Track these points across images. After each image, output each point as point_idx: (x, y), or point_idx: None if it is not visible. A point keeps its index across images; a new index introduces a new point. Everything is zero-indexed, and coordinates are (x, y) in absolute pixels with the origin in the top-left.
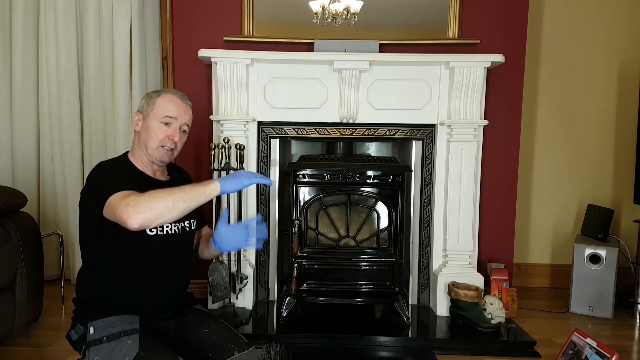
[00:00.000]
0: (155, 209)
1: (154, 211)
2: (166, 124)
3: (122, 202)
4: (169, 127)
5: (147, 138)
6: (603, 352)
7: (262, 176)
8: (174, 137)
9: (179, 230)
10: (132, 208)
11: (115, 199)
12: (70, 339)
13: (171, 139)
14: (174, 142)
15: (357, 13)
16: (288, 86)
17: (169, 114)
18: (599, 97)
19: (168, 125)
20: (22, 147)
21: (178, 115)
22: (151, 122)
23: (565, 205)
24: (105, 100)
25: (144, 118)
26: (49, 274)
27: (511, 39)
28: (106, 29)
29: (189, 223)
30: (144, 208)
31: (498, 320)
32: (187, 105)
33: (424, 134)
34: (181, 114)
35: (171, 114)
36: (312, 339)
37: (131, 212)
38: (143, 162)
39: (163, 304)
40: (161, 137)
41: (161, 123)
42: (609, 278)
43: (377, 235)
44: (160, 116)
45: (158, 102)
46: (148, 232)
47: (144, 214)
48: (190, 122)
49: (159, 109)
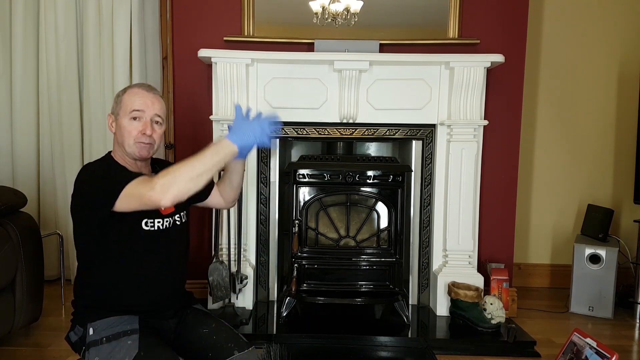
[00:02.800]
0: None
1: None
2: (134, 118)
3: (146, 186)
4: (140, 122)
5: (122, 137)
6: (603, 352)
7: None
8: (146, 130)
9: (170, 225)
10: (160, 189)
11: (134, 188)
12: (69, 341)
13: (144, 133)
14: (147, 136)
15: (357, 13)
16: (288, 86)
17: (135, 108)
18: (599, 97)
19: (138, 119)
20: (22, 147)
21: (145, 107)
22: (122, 120)
23: (565, 205)
24: (105, 100)
25: (115, 118)
26: (49, 274)
27: (511, 39)
28: (106, 29)
29: (180, 217)
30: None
31: (498, 320)
32: (154, 95)
33: (424, 134)
34: (148, 105)
35: (138, 107)
36: (312, 339)
37: (159, 193)
38: (125, 161)
39: (161, 301)
40: (134, 133)
41: (131, 119)
42: (609, 278)
43: (377, 235)
44: (127, 112)
45: (124, 98)
46: (143, 226)
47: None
48: (163, 111)
49: (125, 105)
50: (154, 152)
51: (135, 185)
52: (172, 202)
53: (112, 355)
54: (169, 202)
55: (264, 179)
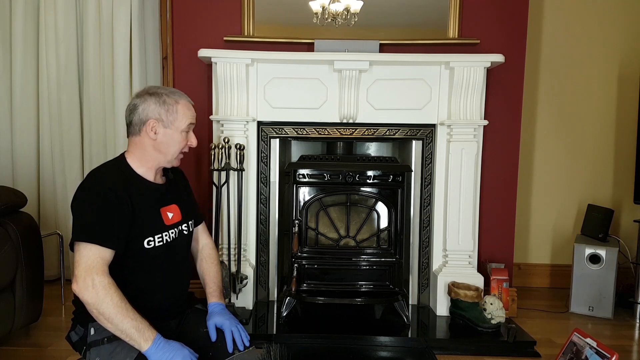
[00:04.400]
0: (102, 315)
1: (100, 316)
2: (187, 131)
3: (90, 270)
4: (189, 134)
5: (168, 147)
6: (603, 352)
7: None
8: (194, 143)
9: (176, 235)
10: (86, 290)
11: (87, 259)
12: (70, 341)
13: (190, 145)
14: (189, 147)
15: (357, 13)
16: (288, 86)
17: (192, 121)
18: (599, 97)
19: (189, 132)
20: (22, 147)
21: (195, 120)
22: (173, 131)
23: (565, 205)
24: (105, 100)
25: (164, 127)
26: (49, 274)
27: (511, 39)
28: (106, 29)
29: (187, 226)
30: (91, 297)
31: (498, 320)
32: None
33: (424, 134)
34: (195, 117)
35: (193, 120)
36: (312, 339)
37: (81, 289)
38: (146, 167)
39: (165, 306)
40: (183, 144)
41: (183, 131)
42: (609, 278)
43: (377, 235)
44: (184, 125)
45: (180, 109)
46: (146, 245)
47: (87, 299)
48: None
49: (182, 118)
50: None
51: (89, 257)
52: (79, 297)
53: (113, 355)
54: (78, 296)
55: (264, 179)
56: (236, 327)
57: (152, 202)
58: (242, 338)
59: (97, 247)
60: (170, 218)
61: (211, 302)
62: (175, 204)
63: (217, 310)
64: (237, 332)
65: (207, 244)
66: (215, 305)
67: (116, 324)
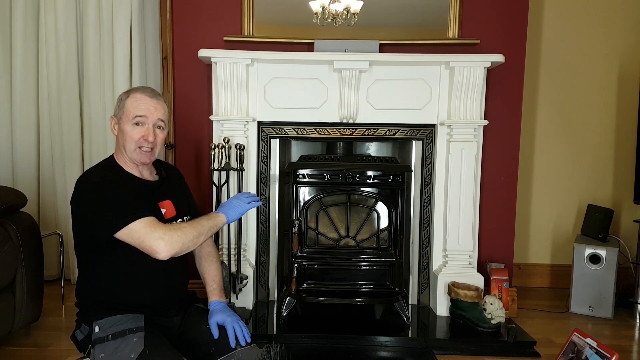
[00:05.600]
0: (185, 244)
1: (184, 245)
2: (137, 124)
3: (152, 233)
4: (142, 127)
5: (124, 141)
6: (603, 352)
7: (254, 199)
8: (148, 137)
9: None
10: (165, 243)
11: (141, 230)
12: (75, 340)
13: (146, 139)
14: (149, 142)
15: (357, 13)
16: (288, 86)
17: (138, 114)
18: (599, 97)
19: (141, 125)
20: (22, 147)
21: (149, 113)
22: (124, 125)
23: (565, 205)
24: (105, 100)
25: (117, 121)
26: (49, 274)
27: (511, 39)
28: (106, 29)
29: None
30: (177, 244)
31: (498, 320)
32: (157, 100)
33: (424, 134)
34: (152, 111)
35: (141, 113)
36: (312, 339)
37: (163, 247)
38: (129, 165)
39: (165, 300)
40: (136, 138)
41: (133, 124)
42: (609, 278)
43: (377, 235)
44: (131, 117)
45: (127, 103)
46: None
47: (177, 248)
48: (166, 116)
49: (128, 110)
50: (154, 157)
51: (143, 226)
52: (169, 256)
53: (118, 351)
54: (167, 257)
55: (264, 179)
56: (238, 323)
57: (147, 196)
58: (243, 334)
59: (137, 221)
60: (164, 213)
61: (212, 300)
62: (168, 199)
63: (219, 308)
64: (239, 329)
65: (207, 242)
66: (216, 304)
67: (200, 233)
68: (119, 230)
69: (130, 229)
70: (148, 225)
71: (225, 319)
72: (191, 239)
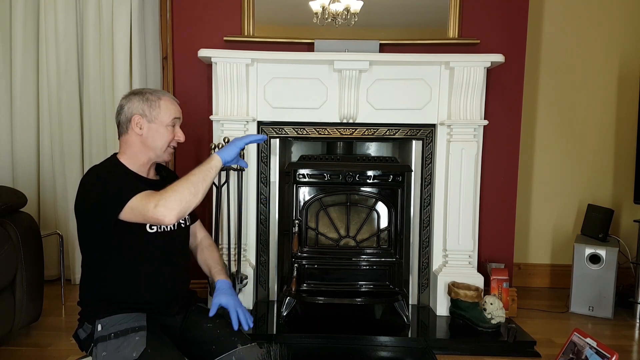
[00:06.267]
0: (183, 200)
1: (184, 202)
2: (173, 125)
3: (149, 204)
4: (175, 128)
5: (156, 141)
6: (603, 352)
7: (253, 135)
8: (181, 138)
9: (175, 227)
10: (163, 207)
11: (139, 203)
12: (78, 338)
13: (177, 140)
14: (179, 142)
15: (357, 13)
16: (288, 86)
17: (176, 116)
18: (599, 97)
19: (174, 126)
20: (22, 147)
21: (180, 115)
22: (159, 126)
23: (565, 205)
24: (105, 100)
25: (148, 122)
26: (49, 274)
27: (511, 39)
28: (106, 29)
29: (184, 220)
30: (175, 203)
31: (498, 320)
32: None
33: (424, 134)
34: (181, 113)
35: (177, 115)
36: (312, 339)
37: (164, 211)
38: (139, 164)
39: (167, 299)
40: (169, 138)
41: (169, 126)
42: (609, 278)
43: (377, 235)
44: (168, 119)
45: (163, 104)
46: (148, 229)
47: (177, 208)
48: None
49: (165, 112)
50: None
51: (140, 199)
52: (176, 219)
53: (120, 350)
54: (174, 219)
55: (264, 179)
56: (241, 307)
57: None
58: (246, 319)
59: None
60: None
61: (218, 279)
62: None
63: (224, 288)
64: (242, 313)
65: (206, 236)
66: (222, 282)
67: (195, 182)
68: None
69: (131, 207)
70: (144, 198)
71: (229, 302)
72: (188, 193)
